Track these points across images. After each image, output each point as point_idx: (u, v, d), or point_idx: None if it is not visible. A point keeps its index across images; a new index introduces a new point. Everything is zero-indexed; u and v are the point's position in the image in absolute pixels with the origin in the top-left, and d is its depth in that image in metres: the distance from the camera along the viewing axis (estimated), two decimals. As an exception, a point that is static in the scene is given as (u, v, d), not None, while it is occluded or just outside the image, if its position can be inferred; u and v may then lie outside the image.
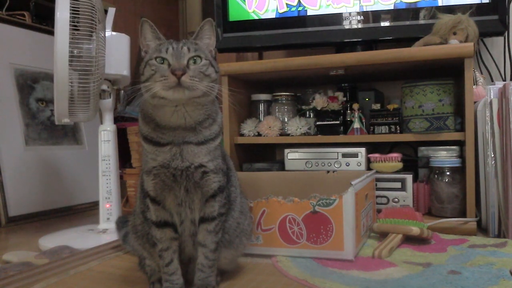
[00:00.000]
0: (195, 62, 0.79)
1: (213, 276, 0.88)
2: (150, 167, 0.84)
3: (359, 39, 1.71)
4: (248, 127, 1.74)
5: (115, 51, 1.46)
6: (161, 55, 0.78)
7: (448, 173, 1.44)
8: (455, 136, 1.45)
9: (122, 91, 1.59)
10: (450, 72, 1.59)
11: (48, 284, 0.99)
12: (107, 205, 1.53)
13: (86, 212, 2.04)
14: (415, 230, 1.20)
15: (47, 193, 1.96)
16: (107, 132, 1.52)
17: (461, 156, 1.50)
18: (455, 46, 1.42)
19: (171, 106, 0.80)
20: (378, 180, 1.50)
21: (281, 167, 1.68)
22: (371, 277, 0.96)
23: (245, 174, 1.55)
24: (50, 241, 1.42)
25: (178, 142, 0.82)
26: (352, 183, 1.08)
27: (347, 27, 1.72)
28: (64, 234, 1.51)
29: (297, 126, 1.67)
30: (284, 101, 1.79)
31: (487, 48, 1.88)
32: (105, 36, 1.39)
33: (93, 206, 2.06)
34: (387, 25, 1.68)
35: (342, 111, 1.65)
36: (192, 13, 3.30)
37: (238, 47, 1.88)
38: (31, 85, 1.99)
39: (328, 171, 1.44)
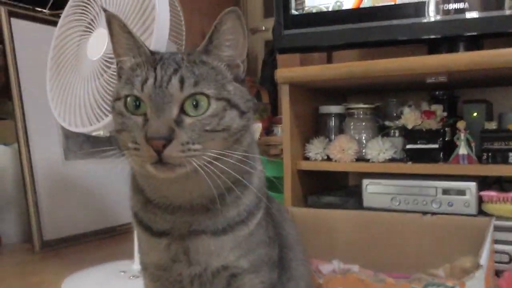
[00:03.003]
0: (196, 107, 0.45)
1: None
2: (145, 262, 0.52)
3: (463, 34, 1.29)
4: (315, 149, 1.40)
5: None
6: (134, 93, 0.45)
7: None
8: None
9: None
10: None
11: None
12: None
13: (130, 233, 1.85)
14: None
15: (88, 213, 1.88)
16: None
17: None
18: None
19: None
20: (495, 228, 1.10)
21: (358, 202, 1.32)
22: None
23: (310, 211, 1.26)
24: (73, 285, 1.32)
25: (180, 233, 0.49)
26: (482, 263, 0.69)
27: (442, 18, 1.30)
28: (91, 275, 1.38)
29: (379, 150, 1.30)
30: (361, 116, 1.43)
31: None
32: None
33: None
34: (503, 14, 1.25)
35: (442, 131, 1.26)
36: (253, 7, 3.11)
37: (302, 47, 1.52)
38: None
39: (424, 213, 1.11)
